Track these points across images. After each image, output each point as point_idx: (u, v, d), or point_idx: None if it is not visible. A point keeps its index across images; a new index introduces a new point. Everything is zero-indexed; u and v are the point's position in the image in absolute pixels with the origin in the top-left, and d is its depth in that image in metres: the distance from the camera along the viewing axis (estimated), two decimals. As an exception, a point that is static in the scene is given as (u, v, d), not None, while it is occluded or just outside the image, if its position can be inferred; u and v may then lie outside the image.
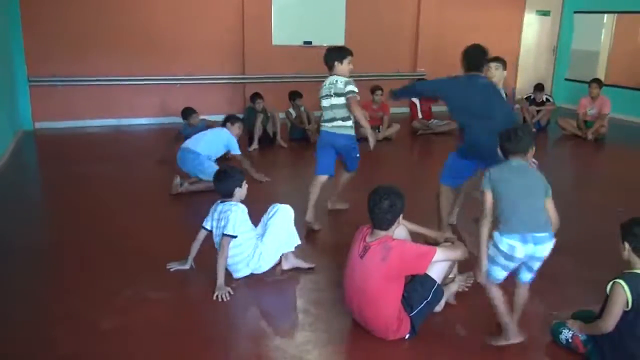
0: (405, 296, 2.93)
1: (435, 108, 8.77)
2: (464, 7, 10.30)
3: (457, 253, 3.03)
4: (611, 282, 2.68)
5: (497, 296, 2.90)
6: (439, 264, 2.95)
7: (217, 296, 3.39)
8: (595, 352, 2.81)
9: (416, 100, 8.55)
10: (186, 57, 8.78)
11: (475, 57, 4.03)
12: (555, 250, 2.70)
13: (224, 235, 3.52)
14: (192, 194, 5.42)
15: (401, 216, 2.96)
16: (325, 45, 9.76)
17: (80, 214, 4.97)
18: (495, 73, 5.01)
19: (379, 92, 8.06)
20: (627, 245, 2.71)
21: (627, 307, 2.62)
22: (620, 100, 9.18)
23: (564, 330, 2.96)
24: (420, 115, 8.54)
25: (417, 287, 2.95)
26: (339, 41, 9.58)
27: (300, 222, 4.50)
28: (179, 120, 7.35)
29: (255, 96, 7.56)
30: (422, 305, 2.95)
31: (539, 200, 2.86)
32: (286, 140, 7.63)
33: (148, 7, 8.46)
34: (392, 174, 6.62)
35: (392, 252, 2.81)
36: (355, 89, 4.46)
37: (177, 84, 8.73)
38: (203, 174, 5.46)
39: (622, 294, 2.62)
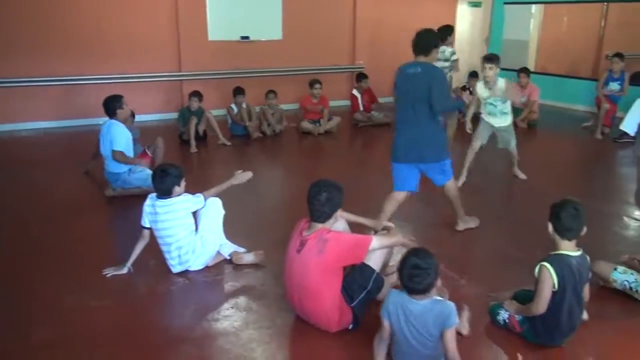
0: (345, 287, 2.94)
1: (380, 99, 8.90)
2: (399, 1, 10.43)
3: (393, 240, 3.07)
4: (538, 265, 2.78)
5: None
6: (376, 252, 2.97)
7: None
8: (530, 332, 2.91)
9: (357, 93, 8.61)
10: (118, 55, 8.47)
11: (423, 41, 3.98)
12: (492, 233, 2.80)
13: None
14: (127, 196, 5.24)
15: (339, 211, 2.96)
16: (263, 40, 9.78)
17: (11, 221, 4.73)
18: (489, 73, 5.25)
19: (318, 85, 8.06)
20: (550, 225, 2.83)
21: (555, 288, 2.72)
22: (549, 87, 9.56)
23: (501, 312, 3.05)
24: (361, 108, 8.60)
25: (356, 277, 2.97)
26: (277, 36, 9.54)
27: (240, 220, 4.46)
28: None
29: (191, 95, 7.39)
30: (363, 294, 2.96)
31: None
32: (227, 137, 7.51)
33: (73, 2, 8.10)
34: (334, 167, 6.64)
35: (329, 245, 2.81)
36: None
37: (110, 83, 8.41)
38: (137, 182, 5.24)
39: (549, 276, 2.72)
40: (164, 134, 7.27)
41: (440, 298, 2.54)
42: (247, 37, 9.30)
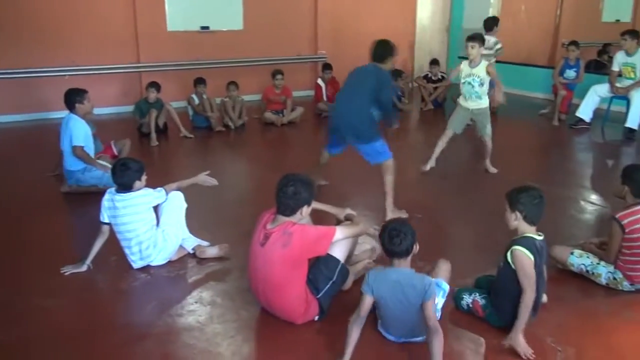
0: (310, 278, 2.93)
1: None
2: (360, -10, 10.42)
3: (357, 229, 3.06)
4: (510, 252, 2.80)
5: None
6: (340, 243, 2.96)
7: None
8: (493, 315, 2.96)
9: (321, 83, 8.58)
10: (74, 46, 8.21)
11: (378, 51, 4.45)
12: (455, 221, 2.83)
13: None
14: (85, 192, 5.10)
15: (306, 207, 2.93)
16: (224, 30, 9.63)
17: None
18: (472, 52, 5.44)
19: (280, 76, 7.99)
20: (518, 214, 2.84)
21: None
22: (508, 75, 9.68)
23: (464, 296, 3.09)
24: (324, 98, 8.58)
25: (321, 268, 2.96)
26: (237, 26, 9.41)
27: (201, 214, 4.40)
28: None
29: (148, 86, 7.22)
30: (328, 285, 2.96)
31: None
32: (189, 129, 7.38)
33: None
34: (298, 157, 6.62)
35: (293, 238, 2.79)
36: None
37: (65, 75, 8.14)
38: (92, 181, 5.07)
39: (526, 257, 2.74)
40: (124, 129, 7.12)
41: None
42: (207, 28, 9.14)
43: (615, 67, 7.38)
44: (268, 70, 8.31)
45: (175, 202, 3.73)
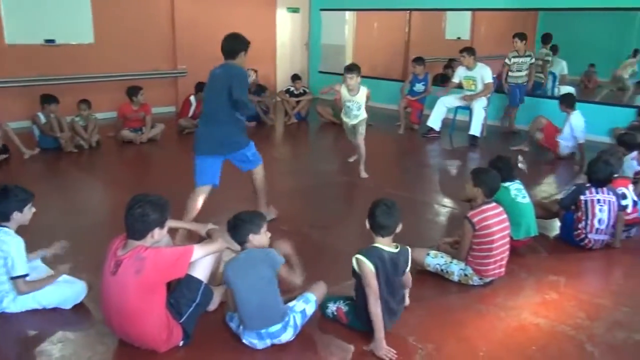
0: (171, 302, 2.78)
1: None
2: (218, 4, 10.31)
3: (216, 246, 2.93)
4: (354, 259, 2.90)
5: None
6: (201, 262, 2.84)
7: None
8: (355, 320, 3.03)
9: (194, 100, 8.30)
10: None
11: (228, 47, 4.21)
12: (322, 230, 2.85)
13: (14, 278, 3.02)
14: None
15: (158, 229, 2.74)
16: (73, 43, 8.98)
17: None
18: (351, 82, 5.73)
19: (140, 92, 7.61)
20: (367, 224, 2.96)
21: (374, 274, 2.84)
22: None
23: (329, 305, 3.14)
24: (190, 114, 8.32)
25: (183, 291, 2.81)
26: (88, 39, 8.83)
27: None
28: None
29: None
30: (192, 308, 2.82)
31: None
32: (33, 149, 6.74)
33: None
34: (159, 176, 6.35)
35: (146, 263, 2.62)
36: None
37: None
38: None
39: (366, 266, 2.83)
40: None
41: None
42: (52, 41, 8.46)
43: (455, 79, 8.08)
44: (123, 86, 7.88)
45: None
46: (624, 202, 4.39)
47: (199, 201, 4.13)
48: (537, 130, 7.21)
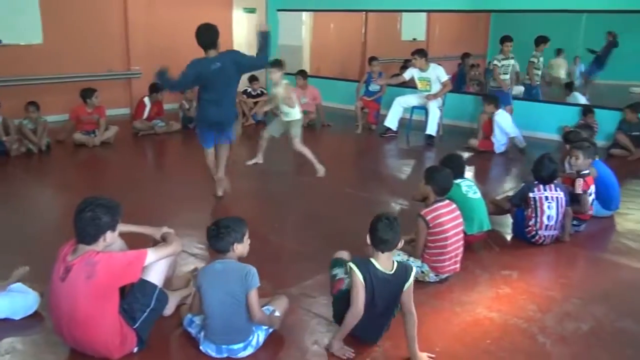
0: (125, 308, 2.71)
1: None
2: (173, 4, 10.14)
3: (170, 249, 2.87)
4: (348, 265, 2.86)
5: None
6: (155, 266, 2.78)
7: None
8: (338, 304, 2.99)
9: (147, 102, 8.13)
10: None
11: (205, 37, 4.59)
12: (277, 231, 2.82)
13: None
14: None
15: (110, 233, 2.67)
16: (22, 44, 8.66)
17: None
18: (273, 76, 5.90)
19: (94, 94, 7.41)
20: (367, 239, 2.88)
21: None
22: (323, 89, 10.16)
23: (338, 269, 3.10)
24: (145, 116, 8.15)
25: (137, 296, 2.75)
26: (36, 40, 8.54)
27: None
28: None
29: None
30: (146, 314, 2.76)
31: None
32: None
33: None
34: (114, 179, 6.21)
35: (98, 267, 2.55)
36: None
37: None
38: None
39: (357, 276, 2.76)
40: None
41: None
42: (-1, 41, 8.16)
43: (406, 76, 8.20)
44: (75, 88, 7.68)
45: None
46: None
47: (212, 156, 5.13)
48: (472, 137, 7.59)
